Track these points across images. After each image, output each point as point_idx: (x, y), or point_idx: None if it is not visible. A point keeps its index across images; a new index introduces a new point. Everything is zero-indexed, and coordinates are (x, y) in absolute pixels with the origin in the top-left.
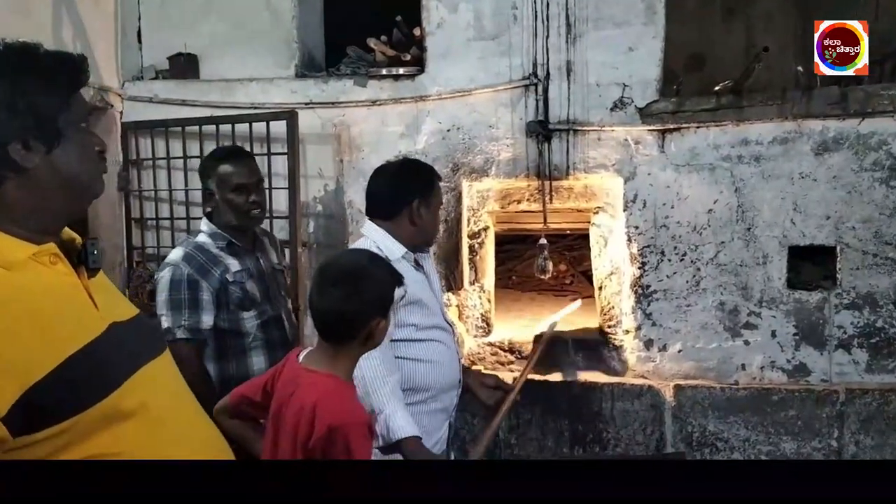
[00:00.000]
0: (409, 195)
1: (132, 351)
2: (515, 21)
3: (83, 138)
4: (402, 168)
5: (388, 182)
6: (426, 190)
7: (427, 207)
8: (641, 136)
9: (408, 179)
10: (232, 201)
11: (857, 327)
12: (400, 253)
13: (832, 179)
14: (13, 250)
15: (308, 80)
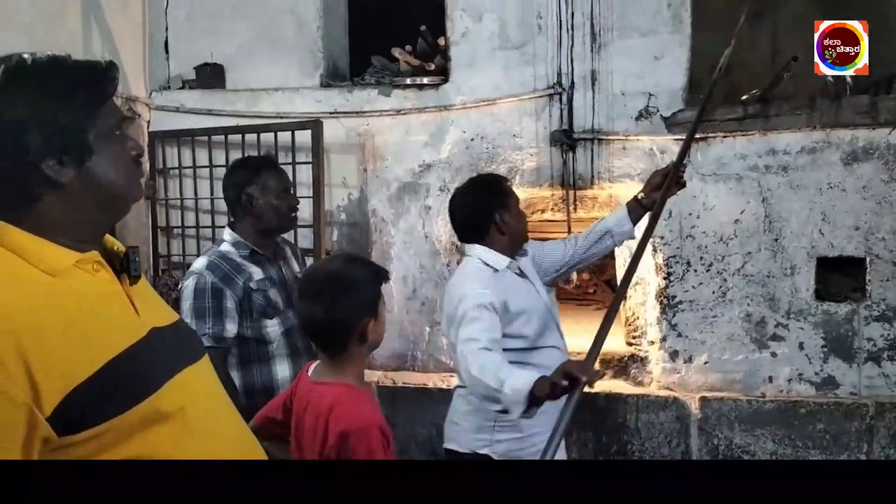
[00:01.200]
0: (489, 212)
1: (172, 355)
2: (540, 30)
3: (117, 147)
4: (472, 191)
5: (466, 209)
6: (502, 199)
7: (509, 213)
8: (667, 145)
9: (482, 199)
10: (277, 206)
11: (888, 340)
12: (504, 264)
13: (861, 190)
14: (58, 258)
15: (333, 90)
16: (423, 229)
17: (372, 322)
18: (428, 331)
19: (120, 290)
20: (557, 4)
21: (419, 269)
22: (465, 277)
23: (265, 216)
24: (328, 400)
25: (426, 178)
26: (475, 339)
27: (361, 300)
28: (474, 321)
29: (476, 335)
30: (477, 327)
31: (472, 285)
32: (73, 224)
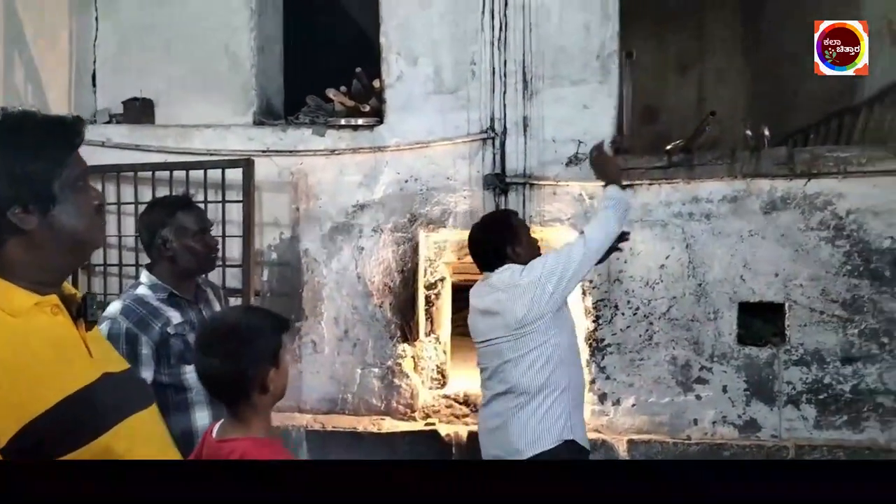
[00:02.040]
0: (506, 244)
1: (122, 400)
2: (474, 76)
3: (80, 196)
4: (486, 228)
5: (483, 246)
6: (515, 232)
7: (520, 244)
8: (596, 191)
9: (500, 233)
10: (193, 248)
11: (806, 383)
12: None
13: (780, 238)
14: (19, 299)
15: (266, 128)
16: (356, 270)
17: (273, 371)
18: (359, 373)
19: (76, 335)
20: (491, 52)
21: (351, 310)
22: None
23: (181, 258)
24: (236, 456)
25: (359, 218)
26: (574, 244)
27: (261, 350)
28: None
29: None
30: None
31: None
32: (36, 268)
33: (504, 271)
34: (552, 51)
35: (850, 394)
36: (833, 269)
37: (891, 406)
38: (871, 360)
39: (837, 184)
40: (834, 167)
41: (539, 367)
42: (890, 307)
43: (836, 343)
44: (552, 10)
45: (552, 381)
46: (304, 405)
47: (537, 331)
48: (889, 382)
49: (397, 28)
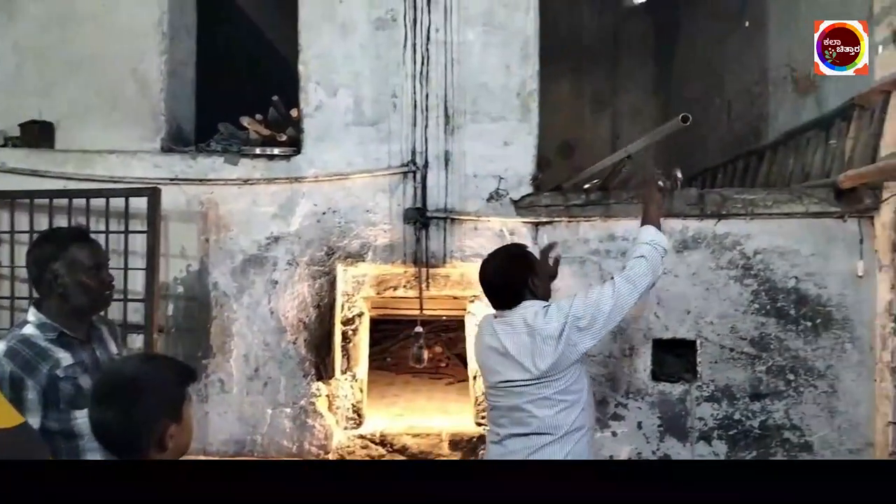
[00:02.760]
0: (523, 281)
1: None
2: (395, 109)
3: None
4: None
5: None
6: (530, 266)
7: (538, 277)
8: (516, 227)
9: (520, 268)
10: (87, 284)
11: (717, 419)
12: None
13: (692, 276)
14: None
15: (175, 155)
16: (269, 304)
17: (174, 427)
18: (270, 413)
19: None
20: (412, 85)
21: (263, 346)
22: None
23: (73, 295)
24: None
25: (274, 250)
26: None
27: (161, 402)
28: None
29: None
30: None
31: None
32: None
33: (524, 309)
34: (473, 87)
35: (758, 429)
36: (742, 307)
37: (797, 441)
38: (778, 396)
39: (745, 224)
40: (742, 209)
41: (566, 409)
42: (795, 345)
43: (745, 379)
44: (474, 47)
45: (577, 422)
46: (210, 447)
47: (564, 377)
48: (795, 418)
49: (317, 57)
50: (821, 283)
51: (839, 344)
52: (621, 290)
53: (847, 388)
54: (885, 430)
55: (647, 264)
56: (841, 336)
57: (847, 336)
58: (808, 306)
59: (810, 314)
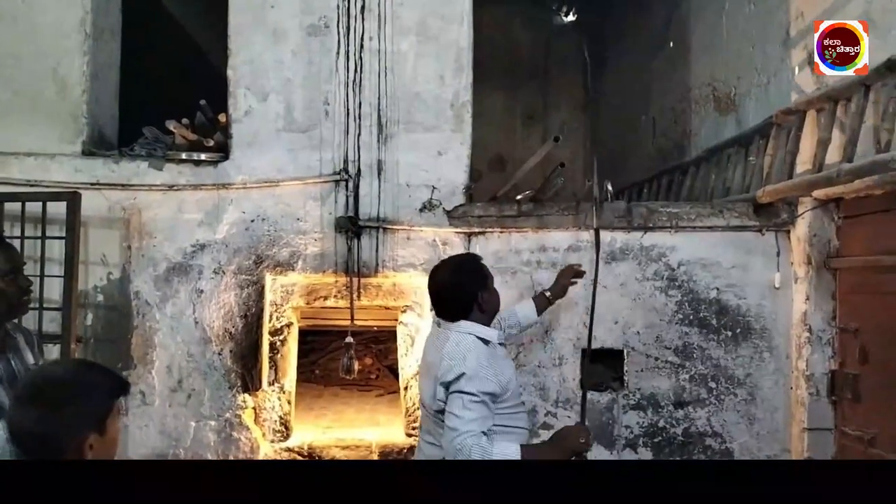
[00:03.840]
0: (472, 293)
1: None
2: (327, 116)
3: None
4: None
5: (449, 293)
6: (482, 279)
7: (487, 292)
8: (449, 237)
9: (464, 280)
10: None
11: (643, 427)
12: (495, 336)
13: (620, 287)
14: None
15: (96, 159)
16: (194, 314)
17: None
18: (194, 426)
19: None
20: (345, 93)
21: (187, 357)
22: (468, 354)
23: None
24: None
25: (199, 258)
26: (470, 429)
27: (85, 412)
28: (475, 408)
29: (473, 425)
30: (476, 415)
31: (477, 366)
32: None
33: (459, 330)
34: (407, 97)
35: (682, 437)
36: (667, 317)
37: (718, 448)
38: (701, 404)
39: (670, 237)
40: (667, 221)
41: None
42: (716, 354)
43: (670, 388)
44: (408, 57)
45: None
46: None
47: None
48: (716, 425)
49: (247, 62)
50: (740, 294)
51: (758, 353)
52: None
53: (765, 396)
54: (801, 436)
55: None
56: (759, 345)
57: (765, 345)
58: (728, 316)
59: (731, 324)
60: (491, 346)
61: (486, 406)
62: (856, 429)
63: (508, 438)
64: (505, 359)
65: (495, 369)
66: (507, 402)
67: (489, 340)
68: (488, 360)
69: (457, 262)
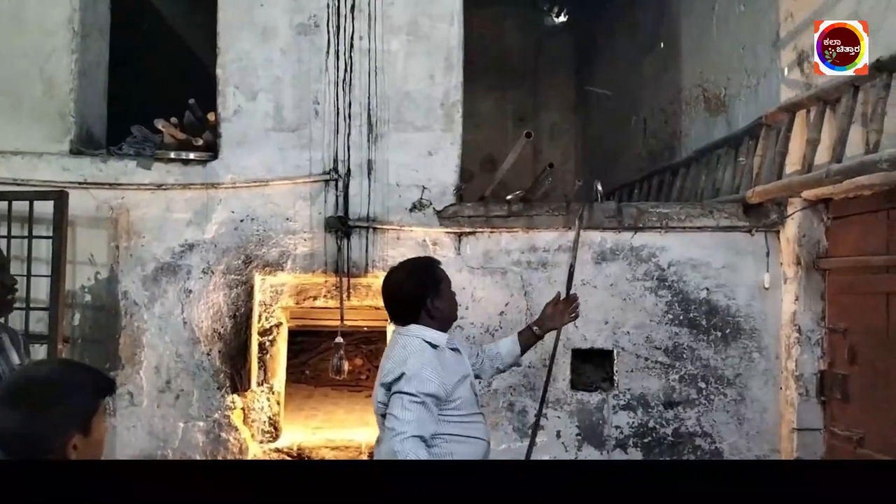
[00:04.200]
0: (422, 298)
1: None
2: (317, 115)
3: None
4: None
5: (400, 293)
6: (435, 284)
7: (440, 298)
8: (439, 237)
9: (416, 283)
10: None
11: (633, 427)
12: (443, 341)
13: (610, 287)
14: None
15: (84, 158)
16: (182, 314)
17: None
18: (182, 427)
19: None
20: (335, 92)
21: (175, 357)
22: (411, 356)
23: None
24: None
25: (188, 258)
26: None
27: (70, 412)
28: (414, 409)
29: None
30: (414, 416)
31: (418, 366)
32: None
33: (409, 334)
34: (398, 96)
35: (671, 437)
36: (656, 317)
37: (708, 448)
38: (690, 404)
39: (660, 237)
40: (657, 222)
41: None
42: (706, 354)
43: (660, 388)
44: (398, 56)
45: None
46: None
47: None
48: (706, 425)
49: (236, 61)
50: (730, 295)
51: (747, 353)
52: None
53: (755, 396)
54: (790, 436)
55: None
56: (749, 346)
57: (754, 346)
58: (718, 317)
59: (720, 324)
60: (439, 350)
61: (425, 408)
62: (845, 429)
63: (462, 448)
64: (457, 364)
65: (439, 372)
66: (459, 410)
67: (437, 345)
68: (432, 362)
69: (409, 266)
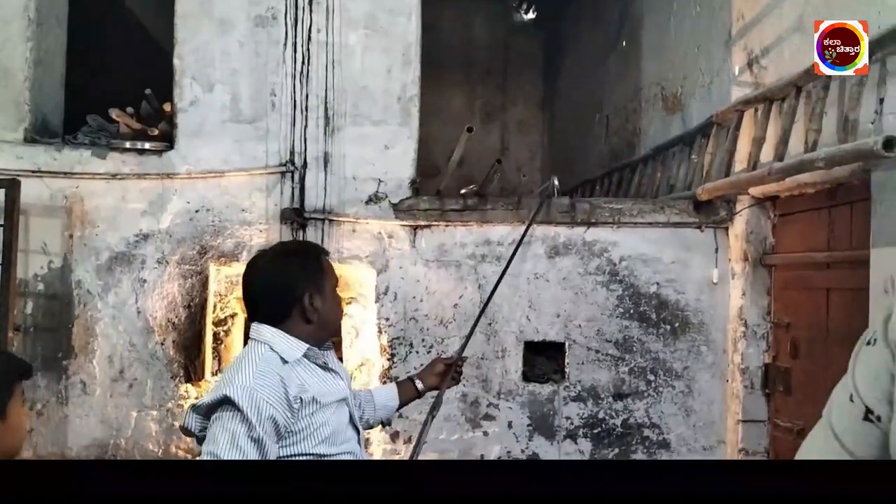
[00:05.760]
0: (296, 291)
1: None
2: (274, 108)
3: None
4: (279, 259)
5: (267, 282)
6: (316, 276)
7: (321, 295)
8: (395, 230)
9: (290, 272)
10: None
11: (583, 418)
12: (299, 353)
13: (562, 281)
14: None
15: (38, 147)
16: (136, 304)
17: None
18: (135, 416)
19: None
20: (292, 84)
21: (128, 347)
22: (243, 369)
23: None
24: None
25: (142, 248)
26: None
27: None
28: (233, 448)
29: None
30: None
31: (247, 382)
32: None
33: (250, 342)
34: (355, 90)
35: (620, 428)
36: (608, 311)
37: (656, 439)
38: (639, 396)
39: (612, 233)
40: (609, 217)
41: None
42: (655, 347)
43: (610, 380)
44: (356, 50)
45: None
46: (70, 451)
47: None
48: (654, 417)
49: (193, 51)
50: (680, 289)
51: (695, 346)
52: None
53: (702, 388)
54: (736, 427)
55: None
56: (697, 339)
57: (702, 339)
58: (667, 311)
59: (670, 318)
60: (290, 365)
61: (256, 445)
62: (787, 420)
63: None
64: (324, 381)
65: (284, 393)
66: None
67: (287, 360)
68: (273, 385)
69: (286, 249)
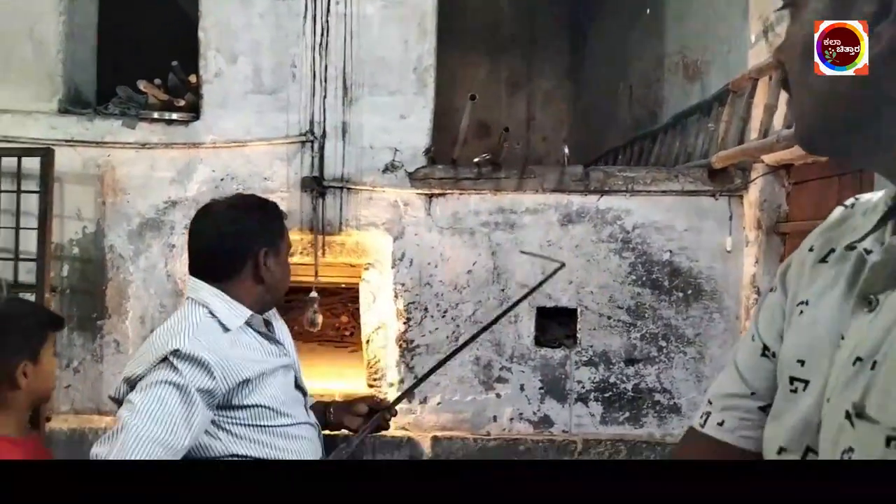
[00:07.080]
0: (252, 245)
1: None
2: (294, 79)
3: None
4: (237, 209)
5: (221, 231)
6: (274, 233)
7: (276, 256)
8: (410, 198)
9: (248, 224)
10: None
11: (594, 382)
12: (240, 320)
13: (575, 248)
14: None
15: (71, 117)
16: (166, 268)
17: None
18: None
19: None
20: (312, 56)
21: (159, 308)
22: (179, 335)
23: None
24: None
25: (171, 215)
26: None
27: (17, 339)
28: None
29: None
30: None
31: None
32: None
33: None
34: (372, 60)
35: (631, 392)
36: (620, 278)
37: (666, 404)
38: (651, 361)
39: (626, 201)
40: (623, 185)
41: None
42: (667, 314)
43: (621, 346)
44: (373, 21)
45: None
46: (104, 407)
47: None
48: (665, 382)
49: (216, 25)
50: (693, 257)
51: (708, 314)
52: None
53: (713, 355)
54: None
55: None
56: (709, 306)
57: (715, 306)
58: (680, 278)
59: (682, 285)
60: (232, 334)
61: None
62: None
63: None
64: (266, 352)
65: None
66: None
67: (228, 327)
68: (216, 346)
69: (241, 200)
